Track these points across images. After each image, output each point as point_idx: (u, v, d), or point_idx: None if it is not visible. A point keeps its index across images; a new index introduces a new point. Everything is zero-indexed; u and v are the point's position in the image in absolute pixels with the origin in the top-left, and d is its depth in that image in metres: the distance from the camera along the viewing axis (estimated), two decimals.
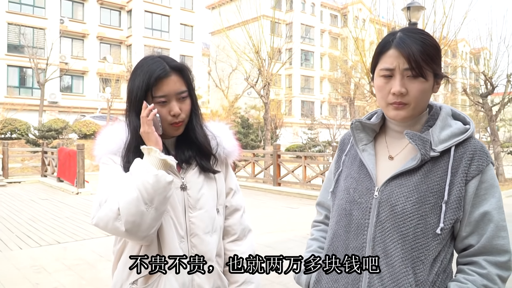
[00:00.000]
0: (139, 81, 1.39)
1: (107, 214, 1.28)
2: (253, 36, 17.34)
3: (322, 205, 1.52)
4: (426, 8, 10.98)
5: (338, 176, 1.39)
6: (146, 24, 36.16)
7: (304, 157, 12.31)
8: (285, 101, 42.96)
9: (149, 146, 1.34)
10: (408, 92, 1.16)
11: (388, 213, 1.17)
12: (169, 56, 1.48)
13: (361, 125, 1.33)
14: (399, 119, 1.22)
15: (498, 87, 16.78)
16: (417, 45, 1.15)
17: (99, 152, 1.45)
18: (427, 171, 1.17)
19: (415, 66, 1.14)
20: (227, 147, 1.60)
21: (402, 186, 1.17)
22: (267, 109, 16.94)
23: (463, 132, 1.20)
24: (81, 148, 12.26)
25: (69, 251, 5.99)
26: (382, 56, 1.21)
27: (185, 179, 1.47)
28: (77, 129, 24.06)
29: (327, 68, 48.40)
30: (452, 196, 1.13)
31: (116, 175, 1.38)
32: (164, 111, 1.40)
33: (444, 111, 1.25)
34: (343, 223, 1.29)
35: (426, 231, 1.13)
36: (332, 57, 45.69)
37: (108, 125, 1.51)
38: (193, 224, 1.46)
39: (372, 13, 13.08)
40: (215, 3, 45.20)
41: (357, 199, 1.26)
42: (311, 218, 1.62)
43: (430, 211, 1.14)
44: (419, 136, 1.18)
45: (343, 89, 37.07)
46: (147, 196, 1.26)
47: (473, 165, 1.15)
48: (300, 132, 28.94)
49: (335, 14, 51.43)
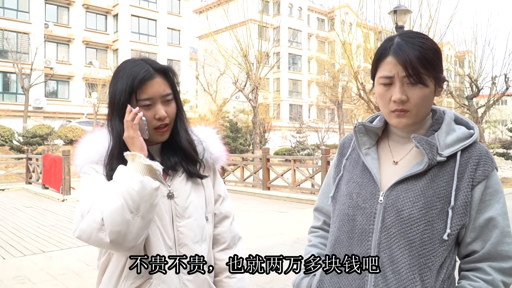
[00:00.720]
0: (122, 84, 1.32)
1: (90, 225, 1.20)
2: (241, 40, 17.31)
3: (321, 211, 1.47)
4: (412, 12, 11.09)
5: (338, 180, 1.35)
6: (132, 29, 36.00)
7: (293, 161, 12.29)
8: (273, 104, 43.02)
9: (133, 151, 1.26)
10: (408, 99, 1.14)
11: (394, 218, 1.14)
12: (152, 59, 1.41)
13: (364, 128, 1.30)
14: (401, 126, 1.20)
15: (484, 89, 17.05)
16: (414, 51, 1.12)
17: (79, 161, 1.37)
18: (433, 176, 1.14)
19: (412, 74, 1.11)
20: (214, 152, 1.54)
21: (409, 191, 1.15)
22: (255, 113, 16.90)
23: (468, 137, 1.18)
24: (67, 154, 12.05)
25: (54, 260, 5.85)
26: (380, 63, 1.18)
27: (172, 186, 1.41)
28: (63, 135, 23.75)
29: (314, 72, 48.68)
30: (459, 202, 1.11)
31: (98, 184, 1.30)
32: (149, 114, 1.33)
33: (448, 116, 1.23)
34: (345, 228, 1.25)
35: (433, 237, 1.11)
36: (320, 61, 45.98)
37: (88, 133, 1.44)
38: (182, 234, 1.39)
39: (358, 17, 13.16)
40: (203, 7, 45.20)
41: (360, 204, 1.22)
42: (301, 222, 1.57)
43: (437, 216, 1.11)
44: (426, 140, 1.15)
45: (331, 93, 37.29)
46: (133, 204, 1.19)
47: (479, 170, 1.13)
48: (289, 135, 28.98)
49: (322, 18, 51.81)
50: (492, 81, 17.05)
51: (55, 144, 21.34)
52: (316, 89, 49.15)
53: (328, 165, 10.80)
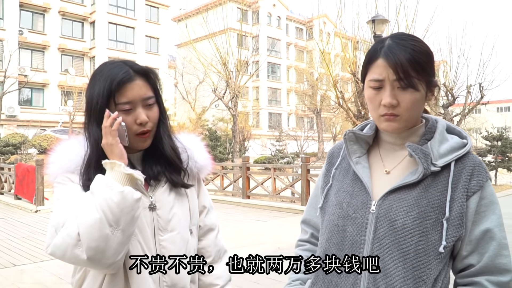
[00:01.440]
0: (99, 87, 1.22)
1: (64, 241, 1.10)
2: (220, 48, 17.27)
3: (308, 223, 1.41)
4: (390, 21, 11.28)
5: (327, 191, 1.29)
6: (110, 36, 35.62)
7: (273, 169, 12.25)
8: (252, 113, 43.07)
9: (112, 160, 1.17)
10: (399, 103, 1.10)
11: (387, 228, 1.09)
12: (131, 60, 1.32)
13: (355, 136, 1.24)
14: (391, 130, 1.16)
15: (459, 98, 17.46)
16: (405, 54, 1.08)
17: (53, 171, 1.26)
18: (427, 186, 1.10)
19: (403, 77, 1.07)
20: (199, 161, 1.46)
21: (402, 200, 1.10)
22: (235, 121, 16.83)
23: (462, 147, 1.14)
24: (41, 164, 11.69)
25: (26, 274, 5.60)
26: (371, 66, 1.14)
27: (154, 197, 1.32)
28: (37, 144, 23.14)
29: (293, 80, 49.08)
30: (454, 212, 1.07)
31: (74, 195, 1.20)
32: (129, 119, 1.24)
33: (440, 125, 1.19)
34: (335, 240, 1.19)
35: (427, 249, 1.06)
36: (299, 70, 46.40)
37: (63, 140, 1.34)
38: (164, 249, 1.30)
39: (336, 27, 13.33)
40: (182, 16, 45.13)
41: (351, 214, 1.16)
42: (282, 231, 1.51)
43: (431, 227, 1.07)
44: (421, 149, 1.11)
45: (310, 101, 37.58)
46: (112, 216, 1.10)
47: (473, 180, 1.09)
48: (268, 144, 29.00)
49: (300, 28, 52.43)
50: (467, 90, 17.50)
51: (28, 153, 20.77)
52: (295, 97, 49.52)
53: (308, 173, 10.84)
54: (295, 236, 1.46)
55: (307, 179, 10.79)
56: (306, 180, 10.78)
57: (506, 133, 18.76)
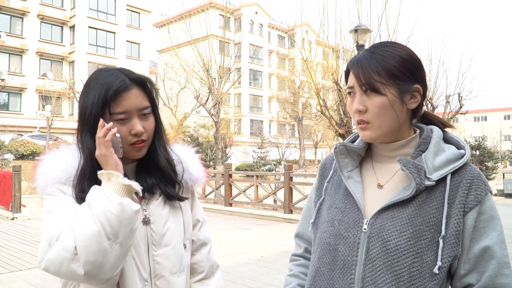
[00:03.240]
0: (94, 95, 1.19)
1: (60, 255, 1.05)
2: (203, 55, 17.22)
3: (302, 237, 1.37)
4: (372, 31, 11.47)
5: (319, 205, 1.25)
6: (90, 41, 35.15)
7: (256, 177, 12.22)
8: (234, 120, 43.04)
9: (108, 170, 1.14)
10: (367, 109, 1.08)
11: (379, 249, 1.04)
12: (127, 68, 1.30)
13: (346, 149, 1.20)
14: (366, 139, 1.13)
15: (438, 107, 17.85)
16: (371, 60, 1.07)
17: (43, 182, 1.20)
18: (422, 202, 1.05)
19: (364, 82, 1.06)
20: (194, 173, 1.43)
21: (395, 219, 1.05)
22: (217, 128, 16.78)
23: (459, 158, 1.08)
24: (18, 170, 11.39)
25: (2, 284, 5.42)
26: (348, 76, 1.15)
27: (148, 211, 1.28)
28: (14, 149, 22.55)
29: (275, 88, 49.28)
30: (450, 230, 1.02)
31: (68, 206, 1.15)
32: (124, 130, 1.21)
33: (436, 134, 1.13)
34: (326, 259, 1.14)
35: (422, 271, 1.01)
36: (280, 77, 46.64)
37: (54, 149, 1.29)
38: (158, 264, 1.27)
39: (319, 35, 13.47)
40: (164, 21, 44.93)
41: (343, 233, 1.12)
42: (265, 239, 1.49)
43: (426, 247, 1.01)
44: (413, 163, 1.06)
45: (292, 108, 37.78)
46: (111, 229, 1.06)
47: (471, 194, 1.04)
48: (250, 151, 28.98)
49: (282, 35, 52.77)
50: (446, 99, 17.91)
51: (5, 159, 20.20)
52: (277, 104, 49.71)
53: (291, 181, 10.85)
54: (279, 244, 1.45)
55: (289, 187, 10.80)
56: (289, 188, 10.79)
57: (483, 143, 19.26)
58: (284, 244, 7.63)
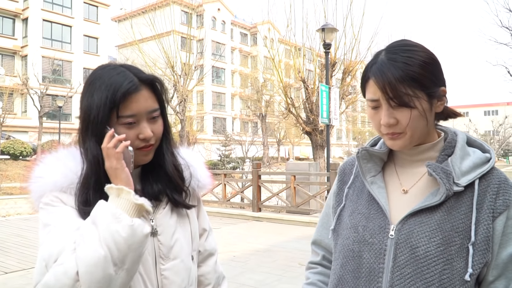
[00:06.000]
0: (100, 96, 1.05)
1: (59, 280, 0.92)
2: (168, 51, 16.87)
3: (319, 244, 1.32)
4: (339, 30, 11.60)
5: (340, 211, 1.20)
6: (44, 34, 33.70)
7: (223, 175, 12.10)
8: (197, 117, 42.60)
9: (118, 185, 1.00)
10: (398, 121, 1.03)
11: (408, 256, 1.01)
12: (134, 66, 1.16)
13: (368, 154, 1.16)
14: (397, 148, 1.09)
15: None
16: (396, 70, 1.00)
17: (40, 187, 1.06)
18: (450, 208, 1.02)
19: (393, 96, 1.00)
20: (201, 179, 1.33)
21: (423, 225, 1.01)
22: (183, 125, 16.49)
23: (485, 162, 1.06)
24: None
25: None
26: (366, 85, 1.09)
27: (155, 221, 1.16)
28: None
29: (238, 85, 49.20)
30: (479, 236, 0.99)
31: (68, 220, 1.01)
32: (132, 134, 1.08)
33: (460, 138, 1.11)
34: (350, 267, 1.10)
35: (453, 278, 0.98)
36: (243, 75, 46.59)
37: (52, 152, 1.13)
38: (166, 279, 1.15)
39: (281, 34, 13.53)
40: (122, 16, 43.71)
41: (368, 239, 1.07)
42: (235, 239, 1.42)
43: (456, 254, 0.99)
44: (442, 168, 1.03)
45: (255, 106, 37.83)
46: (118, 254, 0.93)
47: (499, 199, 1.01)
48: (213, 148, 28.77)
49: (245, 33, 52.74)
50: None
51: None
52: (240, 102, 49.67)
53: (259, 179, 10.81)
54: (250, 243, 1.39)
55: (258, 185, 10.76)
56: (257, 186, 10.74)
57: None
58: (255, 243, 7.60)
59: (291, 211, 10.34)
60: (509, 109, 71.29)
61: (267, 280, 5.50)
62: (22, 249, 7.09)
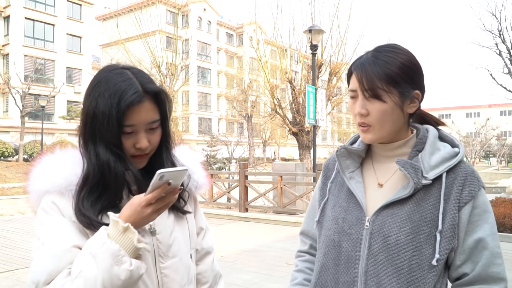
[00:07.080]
0: (105, 104, 1.06)
1: None
2: (154, 51, 16.75)
3: (307, 234, 1.44)
4: (325, 32, 11.68)
5: (324, 204, 1.32)
6: (26, 33, 33.09)
7: (210, 175, 12.07)
8: (182, 118, 42.39)
9: (127, 223, 0.99)
10: (369, 113, 1.14)
11: (380, 244, 1.12)
12: (141, 71, 1.16)
13: (347, 151, 1.27)
14: (367, 141, 1.20)
15: None
16: (375, 66, 1.12)
17: (37, 188, 1.06)
18: (419, 200, 1.12)
19: (367, 88, 1.12)
20: (199, 180, 1.35)
21: (395, 216, 1.12)
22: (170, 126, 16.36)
23: (453, 156, 1.16)
24: None
25: None
26: (350, 77, 1.20)
27: (154, 220, 1.17)
28: None
29: (224, 86, 49.12)
30: (446, 225, 1.09)
31: (64, 237, 1.01)
32: (128, 142, 1.10)
33: (431, 134, 1.20)
34: (331, 255, 1.21)
35: (421, 263, 1.08)
36: (229, 75, 46.55)
37: (50, 153, 1.13)
38: (166, 277, 1.17)
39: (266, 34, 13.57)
40: (106, 15, 43.25)
41: (346, 230, 1.19)
42: (222, 239, 1.46)
43: (424, 241, 1.09)
44: (411, 164, 1.13)
45: (240, 107, 37.84)
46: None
47: (465, 190, 1.11)
48: (199, 149, 28.66)
49: (231, 33, 52.71)
50: None
51: None
52: (225, 102, 49.61)
53: (246, 179, 10.83)
54: (237, 243, 1.43)
55: (245, 185, 10.77)
56: (244, 187, 10.76)
57: None
58: (243, 243, 7.61)
59: (277, 211, 10.39)
60: (490, 111, 72.89)
61: (255, 279, 5.52)
62: (7, 251, 6.97)
